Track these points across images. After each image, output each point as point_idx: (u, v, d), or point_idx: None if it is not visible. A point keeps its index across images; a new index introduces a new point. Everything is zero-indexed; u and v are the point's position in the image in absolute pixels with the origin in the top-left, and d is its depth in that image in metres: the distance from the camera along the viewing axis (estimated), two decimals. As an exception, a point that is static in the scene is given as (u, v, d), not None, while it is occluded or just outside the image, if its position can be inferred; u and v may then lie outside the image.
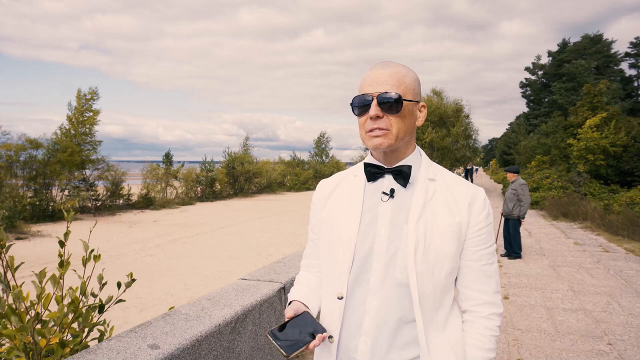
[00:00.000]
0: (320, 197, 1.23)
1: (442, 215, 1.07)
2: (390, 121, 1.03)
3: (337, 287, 1.10)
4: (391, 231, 1.07)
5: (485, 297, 1.09)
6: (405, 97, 1.04)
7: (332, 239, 1.14)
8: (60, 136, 25.74)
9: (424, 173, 1.12)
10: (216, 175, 37.69)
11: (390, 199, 1.10)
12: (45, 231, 19.57)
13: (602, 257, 7.35)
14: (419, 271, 1.03)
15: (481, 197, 1.10)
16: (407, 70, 1.08)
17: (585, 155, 15.43)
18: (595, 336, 3.91)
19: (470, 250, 1.09)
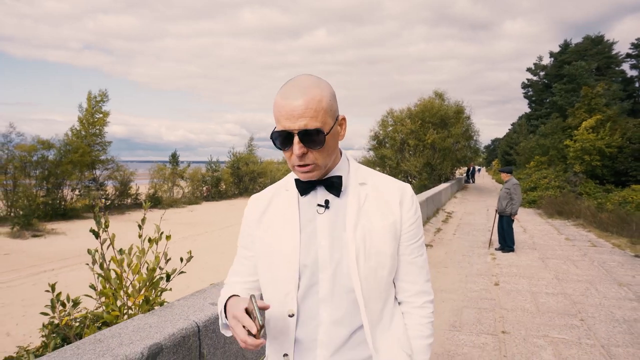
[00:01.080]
0: (253, 212, 1.20)
1: (377, 218, 1.09)
2: (315, 156, 1.02)
3: (286, 305, 1.08)
4: (332, 242, 1.07)
5: (417, 287, 1.14)
6: (326, 126, 1.01)
7: (272, 256, 1.11)
8: (71, 137, 26.43)
9: (354, 179, 1.13)
10: (221, 175, 38.36)
11: (326, 210, 1.09)
12: (59, 229, 20.25)
13: (589, 251, 7.93)
14: (362, 276, 1.04)
15: (409, 194, 1.14)
16: (320, 89, 1.01)
17: (582, 156, 15.98)
18: (570, 314, 4.50)
19: (403, 245, 1.12)
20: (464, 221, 12.18)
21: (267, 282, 1.14)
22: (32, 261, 13.84)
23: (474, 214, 13.78)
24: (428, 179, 22.17)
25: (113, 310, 2.55)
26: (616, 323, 4.24)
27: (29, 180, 23.82)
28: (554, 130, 21.98)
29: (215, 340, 2.36)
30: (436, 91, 25.45)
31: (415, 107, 24.18)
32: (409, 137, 23.02)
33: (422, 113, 23.06)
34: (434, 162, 22.52)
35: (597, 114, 17.77)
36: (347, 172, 1.13)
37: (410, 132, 22.94)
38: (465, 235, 9.69)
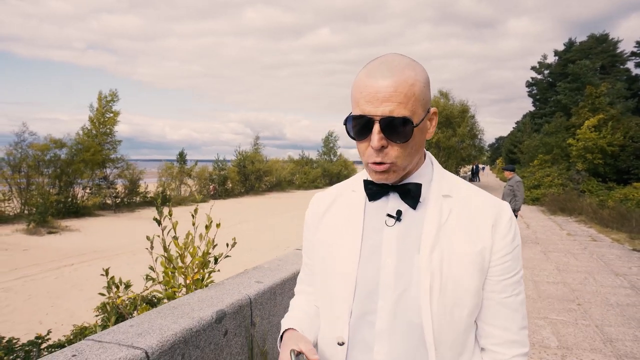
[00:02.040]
0: (313, 214, 1.05)
1: (461, 242, 0.88)
2: (396, 152, 0.84)
3: (336, 330, 0.93)
4: (399, 263, 0.88)
5: (508, 335, 0.90)
6: (416, 116, 0.83)
7: (327, 268, 0.96)
8: (83, 136, 26.99)
9: (437, 189, 0.93)
10: (228, 173, 38.89)
11: (396, 222, 0.91)
12: (72, 226, 20.80)
13: (590, 245, 8.32)
14: (435, 312, 0.85)
15: (507, 216, 0.91)
16: (414, 72, 0.84)
17: (584, 155, 16.33)
18: (568, 300, 4.90)
19: (493, 280, 0.89)
20: (469, 218, 12.56)
21: (321, 297, 0.99)
22: (50, 256, 14.35)
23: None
24: (433, 177, 22.52)
25: (172, 287, 2.98)
26: (610, 307, 4.64)
27: (42, 179, 24.40)
28: (558, 129, 22.31)
29: (263, 311, 2.78)
30: (441, 90, 25.84)
31: (420, 106, 24.55)
32: (415, 136, 23.40)
33: (427, 112, 23.44)
34: (438, 161, 22.88)
35: (600, 113, 18.10)
36: (429, 180, 0.93)
37: (416, 131, 23.31)
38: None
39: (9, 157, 23.72)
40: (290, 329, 0.97)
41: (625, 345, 3.66)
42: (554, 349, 3.59)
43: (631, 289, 5.34)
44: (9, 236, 18.07)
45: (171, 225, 3.07)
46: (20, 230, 19.27)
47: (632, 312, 4.48)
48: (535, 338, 3.82)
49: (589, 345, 3.66)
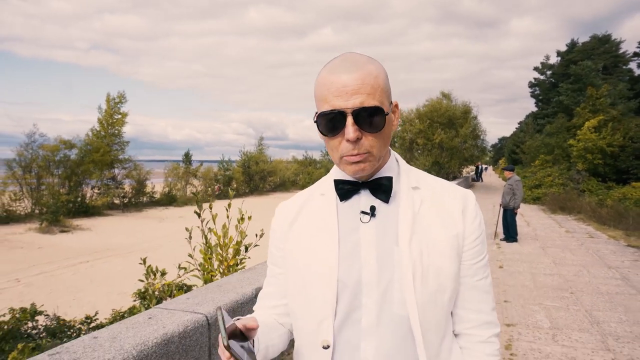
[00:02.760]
0: (281, 223, 1.01)
1: (436, 229, 0.89)
2: (370, 142, 0.83)
3: (320, 334, 0.89)
4: (380, 257, 0.87)
5: (482, 316, 0.93)
6: (384, 106, 0.83)
7: (304, 275, 0.92)
8: (92, 137, 27.50)
9: (406, 181, 0.94)
10: (233, 174, 39.35)
11: (372, 218, 0.90)
12: (83, 225, 21.29)
13: (586, 241, 8.71)
14: (420, 301, 0.85)
15: (472, 202, 0.94)
16: (375, 65, 0.85)
17: (584, 155, 16.69)
18: (562, 289, 5.31)
19: (466, 264, 0.91)
20: (471, 216, 12.96)
21: (299, 305, 0.95)
22: (65, 254, 14.82)
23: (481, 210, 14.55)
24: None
25: (211, 271, 3.41)
26: (600, 295, 5.04)
27: (52, 179, 24.91)
28: (559, 129, 22.66)
29: (290, 291, 3.22)
30: (443, 92, 26.21)
31: (423, 107, 24.95)
32: (418, 137, 23.80)
33: (431, 113, 23.82)
34: (442, 161, 23.29)
35: (600, 114, 18.45)
36: (397, 174, 0.94)
37: (419, 131, 23.72)
38: (472, 229, 10.49)
39: (20, 158, 24.25)
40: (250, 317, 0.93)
41: (610, 326, 4.07)
42: (546, 329, 4.00)
43: (622, 280, 5.74)
44: (22, 235, 18.58)
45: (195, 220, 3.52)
46: (33, 229, 19.77)
47: (620, 299, 4.88)
48: (529, 320, 4.23)
49: (577, 326, 4.07)
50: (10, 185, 23.64)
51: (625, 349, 3.56)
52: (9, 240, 17.12)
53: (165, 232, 19.63)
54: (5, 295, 9.93)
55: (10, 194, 22.91)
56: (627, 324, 4.12)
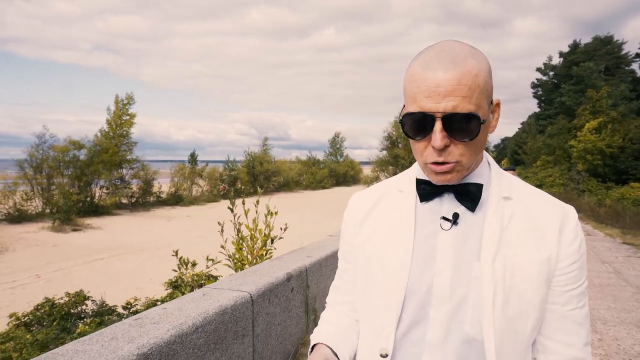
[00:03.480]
0: (354, 216, 0.95)
1: (525, 249, 0.78)
2: (460, 151, 0.75)
3: (379, 341, 0.84)
4: (456, 271, 0.79)
5: (572, 351, 0.81)
6: (482, 111, 0.74)
7: (372, 274, 0.87)
8: (100, 138, 28.04)
9: (496, 190, 0.83)
10: (238, 174, 39.88)
11: (453, 226, 0.81)
12: (94, 224, 21.81)
13: (584, 239, 9.11)
14: (497, 327, 0.76)
15: (573, 221, 0.82)
16: (477, 61, 0.74)
17: (584, 156, 17.08)
18: (558, 281, 5.73)
19: (557, 290, 0.80)
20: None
21: (363, 306, 0.92)
22: (80, 252, 15.32)
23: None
24: (439, 177, 23.35)
25: (242, 261, 3.85)
26: (592, 286, 5.45)
27: (62, 179, 25.44)
28: (560, 131, 23.05)
29: (313, 278, 3.64)
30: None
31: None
32: (421, 138, 24.19)
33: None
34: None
35: (600, 115, 18.81)
36: (487, 180, 0.85)
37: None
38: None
39: (31, 159, 24.78)
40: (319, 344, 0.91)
41: (599, 312, 4.48)
42: (541, 315, 4.43)
43: (614, 273, 6.15)
44: (36, 233, 19.10)
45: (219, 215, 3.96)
46: (46, 227, 20.30)
47: (610, 290, 5.29)
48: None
49: (569, 313, 4.49)
50: (21, 185, 24.19)
51: (611, 331, 3.98)
52: (24, 239, 17.63)
53: (174, 230, 20.12)
54: (28, 290, 10.41)
55: (22, 194, 23.45)
56: (615, 311, 4.53)
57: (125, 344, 1.74)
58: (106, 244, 16.82)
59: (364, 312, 0.91)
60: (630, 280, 5.75)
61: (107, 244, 16.94)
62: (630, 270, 6.35)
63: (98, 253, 15.11)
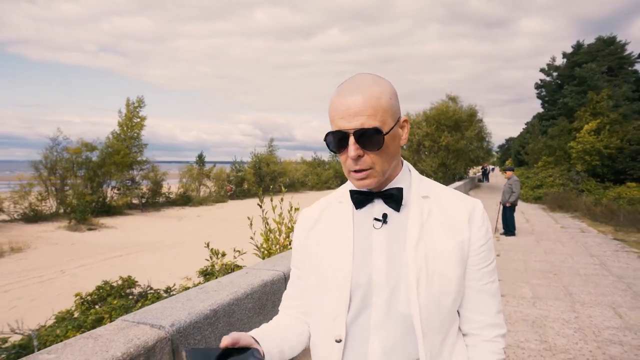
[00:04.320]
0: (303, 227, 1.10)
1: (442, 237, 0.97)
2: (372, 159, 0.92)
3: (334, 329, 0.98)
4: (389, 261, 0.95)
5: (487, 318, 1.00)
6: (385, 126, 0.91)
7: (322, 275, 1.01)
8: (112, 140, 28.78)
9: (416, 191, 1.01)
10: (245, 175, 40.55)
11: (383, 225, 0.98)
12: (107, 223, 22.54)
13: (577, 235, 9.68)
14: (422, 303, 0.92)
15: (479, 212, 1.01)
16: (380, 87, 0.93)
17: (583, 157, 17.60)
18: (548, 271, 6.31)
19: (472, 269, 0.99)
20: (475, 214, 13.98)
21: (316, 303, 1.04)
22: (97, 250, 16.02)
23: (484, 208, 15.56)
24: (443, 177, 23.93)
25: (269, 250, 4.48)
26: (578, 276, 6.05)
27: (76, 180, 26.19)
28: (561, 132, 23.55)
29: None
30: (449, 95, 27.16)
31: (430, 110, 25.92)
32: (425, 139, 24.78)
33: (437, 116, 24.79)
34: (448, 163, 24.26)
35: (600, 117, 19.30)
36: (408, 184, 1.02)
37: (426, 134, 24.68)
38: (475, 225, 11.50)
39: (45, 160, 25.55)
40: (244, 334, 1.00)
41: (580, 296, 5.07)
42: (528, 298, 5.02)
43: (600, 265, 6.73)
44: (53, 232, 19.85)
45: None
46: (62, 227, 21.05)
47: (594, 279, 5.88)
48: (516, 293, 5.25)
49: (554, 296, 5.08)
50: (35, 186, 24.96)
51: (587, 310, 4.58)
52: (43, 238, 18.37)
53: (186, 230, 20.79)
54: (55, 284, 11.11)
55: (37, 195, 24.22)
56: (594, 295, 5.13)
57: (199, 303, 2.38)
58: (122, 243, 17.51)
59: (317, 309, 1.03)
60: (613, 271, 6.34)
61: (122, 242, 17.63)
62: (615, 262, 6.93)
63: (115, 251, 15.80)
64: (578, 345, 3.70)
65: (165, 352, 2.00)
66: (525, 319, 4.35)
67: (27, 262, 13.89)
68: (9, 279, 11.72)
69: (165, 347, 2.00)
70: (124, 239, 18.46)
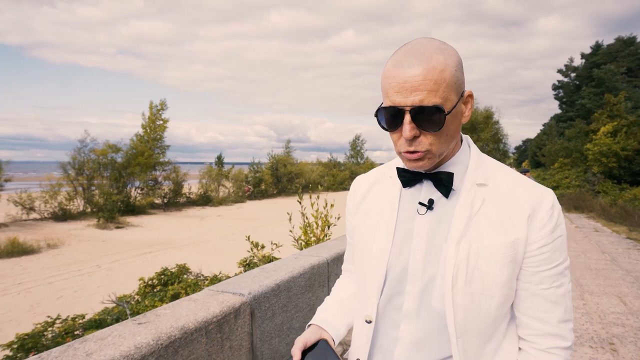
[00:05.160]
0: (354, 197, 1.09)
1: (492, 233, 0.86)
2: (429, 140, 0.83)
3: (366, 309, 0.97)
4: (428, 251, 0.90)
5: (545, 327, 0.88)
6: (447, 103, 0.82)
7: (363, 250, 1.01)
8: (136, 142, 29.81)
9: (472, 177, 0.91)
10: (262, 175, 41.37)
11: (428, 211, 0.92)
12: (133, 222, 23.43)
13: (591, 234, 10.04)
14: (459, 303, 0.86)
15: (547, 205, 0.87)
16: (444, 57, 0.82)
17: (600, 159, 17.80)
18: (560, 266, 6.75)
19: (529, 271, 0.87)
20: (491, 214, 14.39)
21: (358, 277, 1.04)
22: (127, 246, 16.83)
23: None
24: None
25: (307, 242, 5.04)
26: (589, 270, 6.47)
27: (102, 180, 27.26)
28: (578, 134, 23.69)
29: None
30: (466, 97, 27.36)
31: (447, 112, 26.27)
32: (442, 141, 25.11)
33: (454, 119, 25.12)
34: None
35: (617, 119, 19.42)
36: (464, 167, 0.92)
37: (443, 136, 25.01)
38: (492, 224, 11.93)
39: (73, 161, 26.66)
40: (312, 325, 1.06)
41: (590, 287, 5.52)
42: (541, 289, 5.49)
43: (611, 261, 7.13)
44: (84, 230, 20.79)
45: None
46: (91, 225, 22.00)
47: (604, 273, 6.30)
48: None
49: (565, 287, 5.55)
50: (64, 186, 26.06)
51: (595, 299, 5.03)
52: (75, 235, 19.30)
53: (209, 228, 21.55)
54: (94, 277, 11.88)
55: (65, 194, 25.30)
56: (603, 287, 5.57)
57: (264, 279, 2.94)
58: (149, 240, 18.32)
59: (359, 283, 1.04)
60: (623, 266, 6.75)
61: (150, 240, 18.43)
62: (626, 258, 7.32)
63: (144, 247, 16.59)
64: (584, 327, 4.18)
65: (247, 313, 2.57)
66: (538, 305, 4.84)
67: (64, 257, 14.75)
68: (50, 272, 12.55)
69: (246, 309, 2.58)
70: (150, 236, 19.27)
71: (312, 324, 1.05)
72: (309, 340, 0.97)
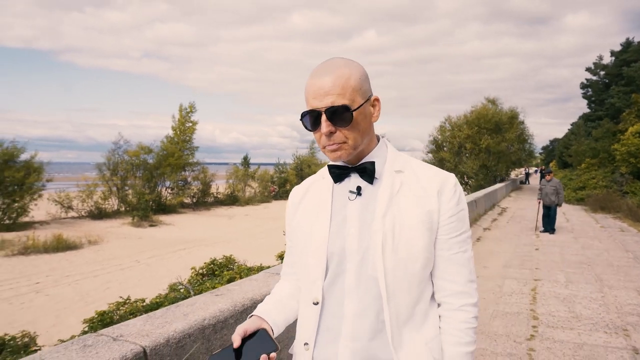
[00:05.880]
0: (292, 203, 1.23)
1: (410, 207, 1.05)
2: (344, 134, 1.01)
3: (312, 293, 1.09)
4: (361, 230, 1.05)
5: (456, 287, 1.07)
6: (354, 103, 1.00)
7: (305, 244, 1.12)
8: (167, 143, 30.92)
9: (390, 166, 1.10)
10: (287, 176, 42.13)
11: (357, 197, 1.08)
12: (165, 221, 24.39)
13: (616, 234, 10.17)
14: (388, 267, 1.01)
15: (451, 183, 1.08)
16: (349, 69, 1.02)
17: (628, 159, 17.61)
18: (583, 263, 7.02)
19: (441, 239, 1.07)
20: (516, 214, 14.52)
21: (301, 269, 1.15)
22: (162, 243, 17.67)
23: (525, 209, 16.01)
24: (484, 179, 24.30)
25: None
26: (611, 267, 6.73)
27: (135, 181, 28.43)
28: (605, 134, 23.37)
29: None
30: (488, 97, 27.40)
31: (470, 114, 26.32)
32: (466, 142, 25.21)
33: (478, 120, 25.18)
34: (489, 165, 24.59)
35: (646, 119, 19.15)
36: (383, 159, 1.11)
37: (467, 137, 25.12)
38: (516, 224, 12.13)
39: (108, 162, 27.92)
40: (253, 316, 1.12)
41: (609, 282, 5.80)
42: (562, 282, 5.80)
43: (634, 259, 7.34)
44: (119, 228, 21.83)
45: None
46: (126, 223, 23.06)
47: (625, 269, 6.55)
48: (551, 278, 6.04)
49: (585, 281, 5.84)
50: (99, 186, 27.32)
51: (614, 292, 5.34)
52: (112, 233, 20.32)
53: (237, 227, 22.28)
54: (134, 271, 12.67)
55: (100, 194, 26.53)
56: (622, 282, 5.85)
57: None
58: (182, 238, 19.15)
59: (302, 275, 1.14)
60: (644, 263, 6.98)
61: (182, 237, 19.26)
62: (648, 256, 7.52)
63: (178, 244, 17.39)
64: (601, 315, 4.52)
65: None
66: (557, 296, 5.19)
67: (105, 253, 15.66)
68: (94, 266, 13.41)
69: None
70: (182, 234, 20.12)
71: (253, 315, 1.13)
72: (248, 329, 1.05)
